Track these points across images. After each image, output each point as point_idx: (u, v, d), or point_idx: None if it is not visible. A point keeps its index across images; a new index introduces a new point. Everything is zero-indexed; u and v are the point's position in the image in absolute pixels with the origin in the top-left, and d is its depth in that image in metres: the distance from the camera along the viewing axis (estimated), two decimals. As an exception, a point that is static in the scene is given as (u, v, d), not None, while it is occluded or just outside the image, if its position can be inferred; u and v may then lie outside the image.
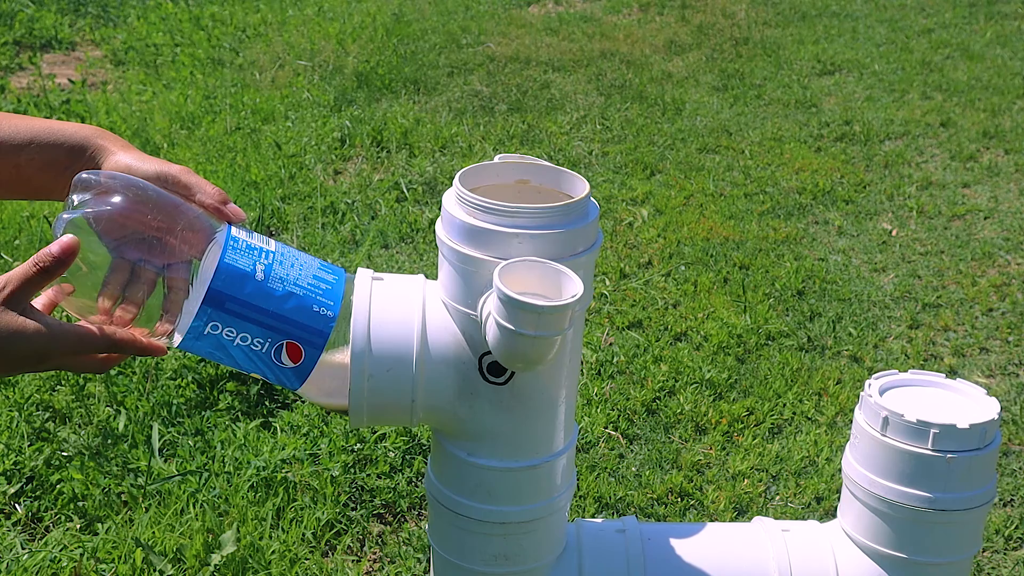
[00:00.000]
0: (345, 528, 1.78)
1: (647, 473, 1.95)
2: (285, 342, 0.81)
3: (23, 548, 1.69)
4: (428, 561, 1.68)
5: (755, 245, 2.84)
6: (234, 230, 0.82)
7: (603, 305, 2.52)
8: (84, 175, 0.79)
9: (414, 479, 1.89)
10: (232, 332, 0.80)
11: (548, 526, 0.96)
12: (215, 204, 0.83)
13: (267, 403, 2.06)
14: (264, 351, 0.81)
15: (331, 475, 1.83)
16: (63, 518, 1.77)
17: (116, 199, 0.77)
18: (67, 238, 0.75)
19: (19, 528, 1.75)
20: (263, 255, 0.81)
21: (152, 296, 0.79)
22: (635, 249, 2.81)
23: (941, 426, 0.91)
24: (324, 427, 1.95)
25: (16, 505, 1.79)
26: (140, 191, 0.79)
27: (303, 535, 1.74)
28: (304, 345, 0.81)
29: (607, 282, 2.62)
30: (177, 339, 0.81)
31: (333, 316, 0.82)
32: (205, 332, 0.80)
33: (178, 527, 1.72)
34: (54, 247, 0.75)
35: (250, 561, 1.67)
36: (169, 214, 0.79)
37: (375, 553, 1.75)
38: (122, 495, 1.81)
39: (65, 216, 0.77)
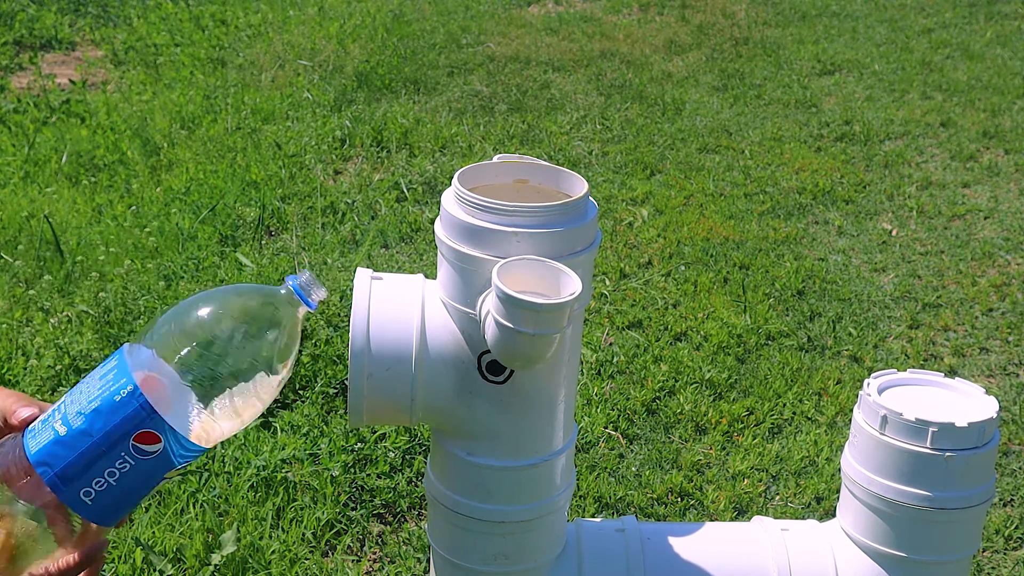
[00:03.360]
0: (345, 528, 1.78)
1: (647, 473, 1.95)
2: (131, 442, 0.76)
3: (23, 548, 1.69)
4: (428, 561, 1.68)
5: (755, 245, 2.84)
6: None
7: (603, 305, 2.52)
8: None
9: (414, 479, 1.89)
10: (101, 482, 0.76)
11: (547, 525, 0.96)
12: (14, 424, 0.79)
13: (267, 403, 2.06)
14: (128, 463, 0.77)
15: (331, 475, 1.83)
16: (63, 518, 1.77)
17: None
18: None
19: (19, 528, 1.75)
20: (54, 414, 0.78)
21: (39, 534, 0.76)
22: (635, 249, 2.81)
23: (940, 424, 0.91)
24: (324, 427, 1.95)
25: (16, 505, 1.79)
26: None
27: (303, 535, 1.74)
28: (143, 426, 0.76)
29: (607, 282, 2.62)
30: (94, 527, 0.78)
31: (133, 388, 0.76)
32: (91, 502, 0.76)
33: (178, 527, 1.72)
34: None
35: (250, 561, 1.67)
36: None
37: (375, 553, 1.75)
38: (122, 495, 1.81)
39: None
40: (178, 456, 0.78)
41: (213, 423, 0.78)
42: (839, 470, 1.03)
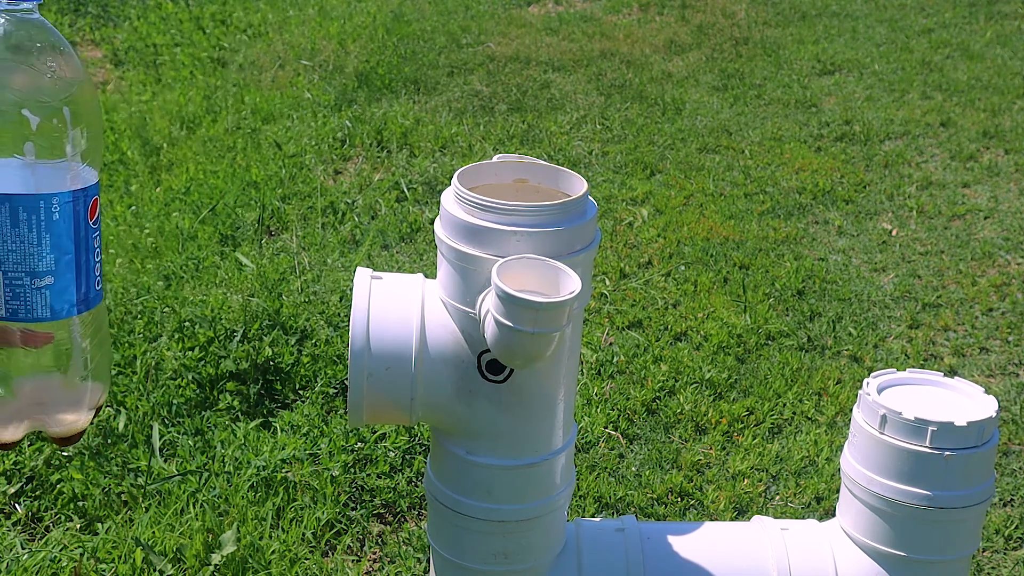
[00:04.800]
0: (345, 528, 1.78)
1: (647, 473, 1.95)
2: None
3: (23, 548, 1.69)
4: (428, 561, 1.68)
5: (755, 245, 2.84)
6: None
7: (603, 305, 2.52)
8: None
9: (414, 479, 1.89)
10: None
11: (547, 524, 0.96)
12: None
13: (267, 403, 2.06)
14: None
15: (331, 475, 1.83)
16: (63, 518, 1.77)
17: None
18: None
19: (19, 528, 1.75)
20: None
21: None
22: (635, 249, 2.81)
23: (939, 424, 0.91)
24: (324, 427, 1.95)
25: (16, 505, 1.79)
26: None
27: (303, 535, 1.74)
28: None
29: (607, 282, 2.62)
30: None
31: None
32: None
33: (178, 527, 1.72)
34: None
35: (250, 561, 1.67)
36: None
37: (375, 553, 1.75)
38: (122, 495, 1.81)
39: None
40: None
41: None
42: (839, 470, 1.03)
